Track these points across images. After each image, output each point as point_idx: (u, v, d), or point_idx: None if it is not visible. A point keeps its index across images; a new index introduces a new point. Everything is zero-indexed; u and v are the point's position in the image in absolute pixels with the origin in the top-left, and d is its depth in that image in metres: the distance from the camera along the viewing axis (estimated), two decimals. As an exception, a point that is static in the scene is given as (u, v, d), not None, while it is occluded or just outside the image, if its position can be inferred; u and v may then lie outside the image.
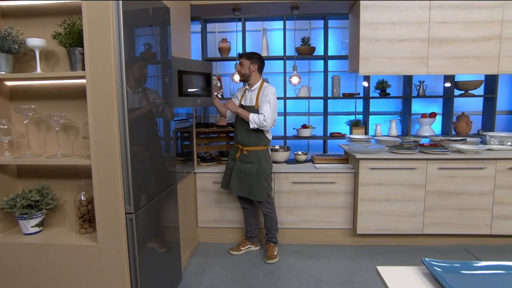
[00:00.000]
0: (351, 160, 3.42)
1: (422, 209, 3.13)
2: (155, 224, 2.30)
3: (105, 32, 1.78)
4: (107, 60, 1.80)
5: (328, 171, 3.27)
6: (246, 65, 2.96)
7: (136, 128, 2.05)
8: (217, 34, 4.65)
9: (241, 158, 3.00)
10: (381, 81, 4.25)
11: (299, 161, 3.59)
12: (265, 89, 2.95)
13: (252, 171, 2.95)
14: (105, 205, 1.80)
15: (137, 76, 2.08)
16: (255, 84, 3.00)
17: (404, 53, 3.19)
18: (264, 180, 2.97)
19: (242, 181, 2.98)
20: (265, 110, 2.85)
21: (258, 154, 2.96)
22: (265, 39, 4.25)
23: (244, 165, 2.97)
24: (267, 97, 2.89)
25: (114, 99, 1.86)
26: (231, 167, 3.07)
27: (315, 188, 3.29)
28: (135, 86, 2.05)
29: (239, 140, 3.02)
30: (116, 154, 1.89)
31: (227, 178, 3.08)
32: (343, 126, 4.48)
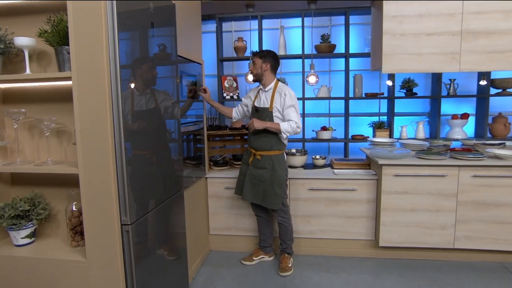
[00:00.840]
0: (373, 166, 3.11)
1: (453, 221, 2.78)
2: (157, 235, 2.11)
3: (95, 30, 1.59)
4: (98, 60, 1.62)
5: (348, 178, 2.98)
6: (258, 64, 2.73)
7: (137, 132, 1.87)
8: (233, 33, 4.44)
9: (254, 163, 2.77)
10: (407, 79, 3.90)
11: (317, 166, 3.32)
12: (282, 90, 2.70)
13: (265, 177, 2.72)
14: (95, 217, 1.62)
15: (140, 77, 1.91)
16: (269, 84, 2.76)
17: (432, 49, 2.85)
18: (278, 187, 2.72)
19: (255, 187, 2.76)
20: (294, 116, 2.65)
21: (272, 159, 2.72)
22: (283, 37, 4.00)
23: (257, 171, 2.74)
24: (290, 102, 2.67)
25: (107, 102, 1.68)
26: (244, 172, 2.85)
27: (334, 196, 3.01)
28: (140, 88, 1.88)
29: (252, 144, 2.80)
30: (110, 161, 1.70)
31: (241, 183, 2.86)
32: (366, 128, 4.16)
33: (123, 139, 1.74)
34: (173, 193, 2.31)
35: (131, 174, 1.81)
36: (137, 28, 1.88)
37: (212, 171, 3.26)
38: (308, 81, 3.57)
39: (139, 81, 1.91)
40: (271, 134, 2.71)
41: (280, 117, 2.70)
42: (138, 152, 1.90)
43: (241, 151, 3.52)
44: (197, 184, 2.95)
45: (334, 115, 4.33)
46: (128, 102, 1.81)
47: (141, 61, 1.93)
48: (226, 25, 4.44)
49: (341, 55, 3.93)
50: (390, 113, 3.98)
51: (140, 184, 1.92)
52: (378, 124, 3.96)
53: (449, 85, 3.86)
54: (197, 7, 3.05)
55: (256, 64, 2.74)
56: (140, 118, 1.93)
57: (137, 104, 1.90)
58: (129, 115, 1.83)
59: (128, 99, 1.81)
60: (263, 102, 2.77)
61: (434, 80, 3.92)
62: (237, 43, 4.03)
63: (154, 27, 2.05)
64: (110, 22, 1.65)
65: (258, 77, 2.76)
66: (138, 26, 1.90)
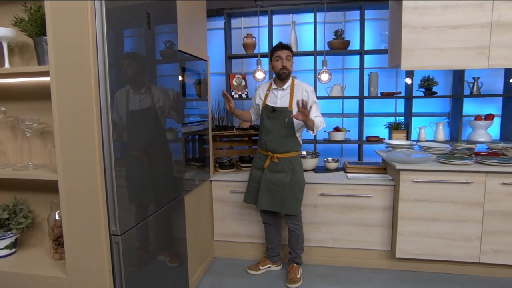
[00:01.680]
0: (390, 170, 2.84)
1: (479, 233, 2.49)
2: (153, 245, 1.90)
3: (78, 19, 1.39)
4: (82, 53, 1.42)
5: (362, 183, 2.72)
6: (291, 60, 2.51)
7: (130, 132, 1.66)
8: (243, 29, 4.21)
9: (271, 167, 2.53)
10: (426, 78, 3.60)
11: (329, 170, 3.06)
12: (302, 87, 2.49)
13: (285, 182, 2.48)
14: (79, 227, 1.42)
15: (133, 75, 1.70)
16: (287, 82, 2.53)
17: (458, 43, 2.55)
18: (299, 190, 2.52)
19: (272, 193, 2.52)
20: (318, 113, 2.50)
21: (291, 161, 2.50)
22: (294, 33, 3.75)
23: (275, 175, 2.51)
24: (313, 98, 2.51)
25: (94, 100, 1.48)
26: (257, 179, 2.59)
27: (347, 202, 2.75)
28: (134, 86, 1.69)
29: (268, 146, 2.53)
30: (96, 164, 1.50)
31: (253, 190, 2.61)
32: (381, 129, 3.87)
33: (112, 140, 1.53)
34: (172, 198, 2.10)
35: (122, 178, 1.60)
36: (131, 22, 1.67)
37: (217, 173, 3.04)
38: (321, 79, 3.31)
39: (132, 78, 1.70)
40: (290, 134, 2.49)
41: None
42: (131, 154, 1.69)
43: (249, 153, 3.29)
44: (201, 187, 2.74)
45: (347, 115, 4.06)
46: (119, 101, 1.61)
47: (134, 58, 1.73)
48: (236, 21, 4.22)
49: (355, 52, 3.66)
50: (407, 113, 3.69)
51: (133, 190, 1.71)
52: (395, 125, 3.67)
53: (473, 84, 3.54)
54: (202, 2, 2.83)
55: (291, 61, 2.50)
56: (135, 117, 1.72)
57: (131, 103, 1.69)
58: (121, 115, 1.63)
59: (120, 98, 1.61)
60: (281, 102, 2.51)
61: (456, 78, 3.60)
62: (246, 40, 3.80)
63: (151, 22, 1.84)
64: (99, 15, 1.45)
65: (288, 76, 2.51)
66: (132, 21, 1.69)
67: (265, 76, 3.55)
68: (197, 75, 2.63)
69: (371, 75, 3.70)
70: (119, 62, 1.62)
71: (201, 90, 2.68)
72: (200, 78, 2.68)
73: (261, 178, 2.55)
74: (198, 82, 2.65)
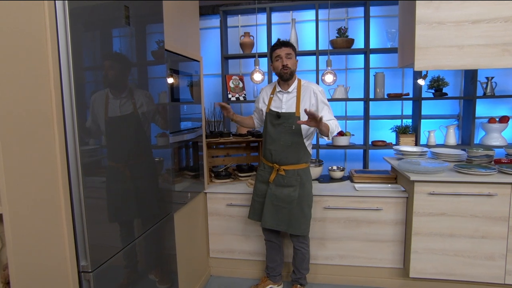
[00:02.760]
0: (401, 180, 2.55)
1: (503, 251, 2.20)
2: (136, 274, 1.60)
3: (32, 20, 1.10)
4: (37, 55, 1.12)
5: (371, 195, 2.42)
6: (294, 58, 2.19)
7: (105, 144, 1.37)
8: (240, 28, 3.91)
9: (277, 181, 2.23)
10: (436, 78, 3.31)
11: (334, 179, 2.77)
12: (310, 89, 2.18)
13: (292, 197, 2.19)
14: (33, 267, 1.13)
15: (108, 77, 1.42)
16: (293, 83, 2.23)
17: (478, 39, 2.25)
18: (308, 207, 2.23)
19: (279, 210, 2.21)
20: (331, 116, 2.17)
21: (299, 174, 2.20)
22: (294, 31, 3.45)
23: (281, 190, 2.21)
24: (324, 99, 2.20)
25: (54, 109, 1.19)
26: (262, 193, 2.29)
27: (354, 216, 2.46)
28: (111, 90, 1.43)
29: (274, 157, 2.23)
30: (58, 185, 1.21)
31: (257, 206, 2.31)
32: (388, 132, 3.58)
33: (79, 154, 1.25)
34: (159, 219, 1.81)
35: (94, 200, 1.31)
36: (104, 19, 1.37)
37: (212, 184, 2.74)
38: (325, 81, 3.01)
39: (109, 81, 1.41)
40: (299, 144, 2.18)
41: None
42: (106, 170, 1.40)
43: (247, 161, 2.99)
44: (195, 200, 2.45)
45: (351, 117, 3.76)
46: (93, 107, 1.33)
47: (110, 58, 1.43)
48: (233, 20, 3.91)
49: (360, 50, 3.36)
50: (415, 116, 3.40)
51: (110, 213, 1.43)
52: (402, 128, 3.38)
53: (486, 84, 3.25)
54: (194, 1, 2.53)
55: (292, 58, 2.17)
56: (112, 125, 1.43)
57: (109, 109, 1.40)
58: (94, 123, 1.34)
59: (94, 104, 1.33)
60: (286, 106, 2.21)
61: (468, 78, 3.31)
62: (243, 39, 3.50)
63: (131, 18, 1.54)
64: (60, 12, 1.18)
65: (291, 75, 2.18)
66: (106, 17, 1.39)
67: (263, 77, 3.25)
68: (188, 77, 2.33)
69: (377, 76, 3.40)
70: (90, 64, 1.32)
71: (194, 93, 2.38)
72: (192, 80, 2.38)
73: (266, 193, 2.25)
74: (190, 85, 2.35)
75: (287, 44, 2.18)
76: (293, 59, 2.18)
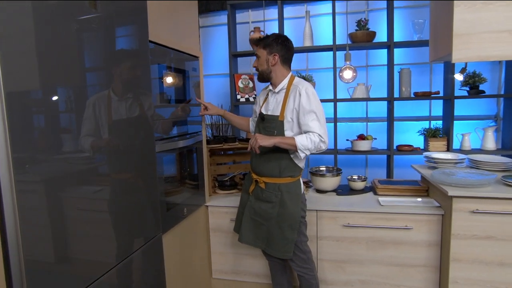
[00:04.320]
0: (434, 192, 2.10)
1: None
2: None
3: None
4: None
5: (399, 211, 2.00)
6: (263, 57, 1.82)
7: (63, 155, 1.02)
8: (250, 24, 3.54)
9: (256, 193, 1.87)
10: (471, 74, 2.82)
11: (354, 191, 2.35)
12: (296, 89, 1.76)
13: (271, 215, 1.81)
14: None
15: (64, 74, 1.08)
16: (280, 83, 1.84)
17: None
18: (290, 229, 1.79)
19: (257, 226, 1.86)
20: (314, 126, 1.71)
21: (280, 189, 1.80)
22: (309, 25, 3.05)
23: (259, 205, 1.84)
24: (308, 104, 1.72)
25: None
26: (243, 204, 1.96)
27: (379, 235, 2.03)
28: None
29: (253, 166, 1.91)
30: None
31: (240, 217, 1.96)
32: (415, 136, 3.11)
33: (13, 172, 0.91)
34: (138, 246, 1.45)
35: (35, 235, 0.98)
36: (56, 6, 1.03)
37: (215, 196, 2.38)
38: (343, 77, 2.58)
39: (66, 80, 1.07)
40: (281, 153, 1.79)
41: (295, 129, 1.78)
42: (49, 190, 1.05)
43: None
44: (195, 214, 2.10)
45: (373, 119, 3.31)
46: (26, 110, 0.99)
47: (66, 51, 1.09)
48: (243, 16, 3.55)
49: (382, 44, 2.92)
50: (447, 117, 2.92)
51: (57, 254, 1.08)
52: (432, 131, 2.91)
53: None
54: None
55: (260, 57, 1.83)
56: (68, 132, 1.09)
57: (67, 115, 1.07)
58: (37, 138, 1.00)
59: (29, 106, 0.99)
60: (272, 108, 1.85)
61: (510, 73, 2.80)
62: (253, 34, 3.12)
63: (100, 4, 1.20)
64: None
65: (265, 75, 1.85)
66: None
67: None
68: (184, 75, 1.98)
69: (402, 72, 2.95)
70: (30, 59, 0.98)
71: (191, 93, 2.03)
72: (189, 79, 2.02)
73: (246, 205, 1.90)
74: (187, 84, 2.00)
75: (257, 42, 1.86)
76: (262, 57, 1.82)
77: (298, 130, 1.77)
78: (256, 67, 1.86)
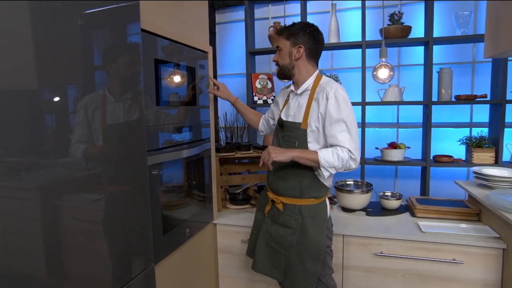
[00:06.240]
0: (489, 218, 1.67)
1: None
2: None
3: None
4: None
5: (446, 240, 1.58)
6: (285, 48, 1.44)
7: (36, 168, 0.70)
8: (270, 20, 3.17)
9: (272, 215, 1.50)
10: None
11: (387, 210, 1.94)
12: (323, 92, 1.38)
13: (289, 243, 1.43)
14: None
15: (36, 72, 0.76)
16: (304, 82, 1.46)
17: None
18: (312, 260, 1.41)
19: (273, 254, 1.49)
20: (343, 139, 1.33)
21: (301, 212, 1.42)
22: (335, 19, 2.65)
23: (276, 229, 1.47)
24: (337, 112, 1.33)
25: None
26: (258, 225, 1.59)
27: (420, 269, 1.62)
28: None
29: (270, 183, 1.53)
30: None
31: (254, 240, 1.59)
32: (453, 144, 2.65)
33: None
34: (127, 280, 1.12)
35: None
36: None
37: (225, 211, 2.03)
38: (377, 77, 2.16)
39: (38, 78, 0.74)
40: (303, 170, 1.41)
41: (322, 141, 1.40)
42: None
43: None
44: (201, 233, 1.76)
45: (404, 125, 2.87)
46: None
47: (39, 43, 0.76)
48: (262, 11, 3.18)
49: (419, 40, 2.48)
50: (495, 124, 2.45)
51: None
52: (477, 140, 2.44)
53: None
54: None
55: (282, 49, 1.46)
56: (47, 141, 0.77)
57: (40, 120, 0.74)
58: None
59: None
60: (293, 114, 1.47)
61: None
62: (272, 30, 2.76)
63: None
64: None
65: (286, 71, 1.47)
66: None
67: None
68: (189, 72, 1.64)
69: (442, 73, 2.50)
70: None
71: (197, 94, 1.68)
72: (195, 77, 1.68)
73: (261, 227, 1.53)
74: (193, 84, 1.66)
75: (281, 31, 1.48)
76: (284, 49, 1.44)
77: (325, 142, 1.39)
78: (277, 61, 1.49)
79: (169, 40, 1.44)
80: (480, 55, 2.65)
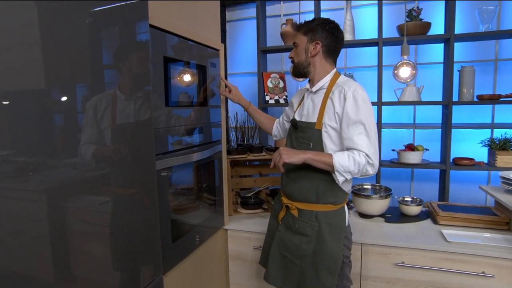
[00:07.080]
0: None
1: None
2: None
3: None
4: None
5: (474, 251, 1.45)
6: (302, 44, 1.34)
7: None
8: (282, 18, 3.05)
9: (286, 221, 1.39)
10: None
11: (407, 217, 1.81)
12: (341, 91, 1.27)
13: (304, 252, 1.32)
14: None
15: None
16: (320, 80, 1.35)
17: None
18: (328, 272, 1.29)
19: (287, 265, 1.37)
20: (361, 142, 1.22)
21: (318, 219, 1.31)
22: (350, 16, 2.52)
23: (291, 237, 1.36)
24: (355, 113, 1.23)
25: None
26: (271, 232, 1.48)
27: (444, 281, 1.50)
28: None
29: (284, 187, 1.42)
30: None
31: (267, 249, 1.49)
32: (473, 146, 2.50)
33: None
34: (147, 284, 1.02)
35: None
36: None
37: (237, 216, 1.93)
38: (399, 76, 2.03)
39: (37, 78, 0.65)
40: (319, 173, 1.29)
41: (339, 142, 1.29)
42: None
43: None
44: (211, 240, 1.66)
45: (421, 126, 2.73)
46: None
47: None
48: (274, 8, 3.07)
49: (440, 37, 2.33)
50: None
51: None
52: (501, 142, 2.29)
53: None
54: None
55: (299, 45, 1.35)
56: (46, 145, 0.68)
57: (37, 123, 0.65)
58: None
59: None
60: (307, 113, 1.36)
61: None
62: (285, 27, 2.64)
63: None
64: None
65: (301, 68, 1.37)
66: None
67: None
68: (199, 71, 1.54)
69: (464, 71, 2.35)
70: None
71: (208, 94, 1.58)
72: (206, 76, 1.57)
73: (275, 235, 1.42)
74: (203, 83, 1.56)
75: (299, 26, 1.37)
76: (301, 45, 1.34)
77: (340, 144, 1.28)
78: (292, 58, 1.39)
79: (179, 37, 1.34)
80: (503, 52, 2.49)
